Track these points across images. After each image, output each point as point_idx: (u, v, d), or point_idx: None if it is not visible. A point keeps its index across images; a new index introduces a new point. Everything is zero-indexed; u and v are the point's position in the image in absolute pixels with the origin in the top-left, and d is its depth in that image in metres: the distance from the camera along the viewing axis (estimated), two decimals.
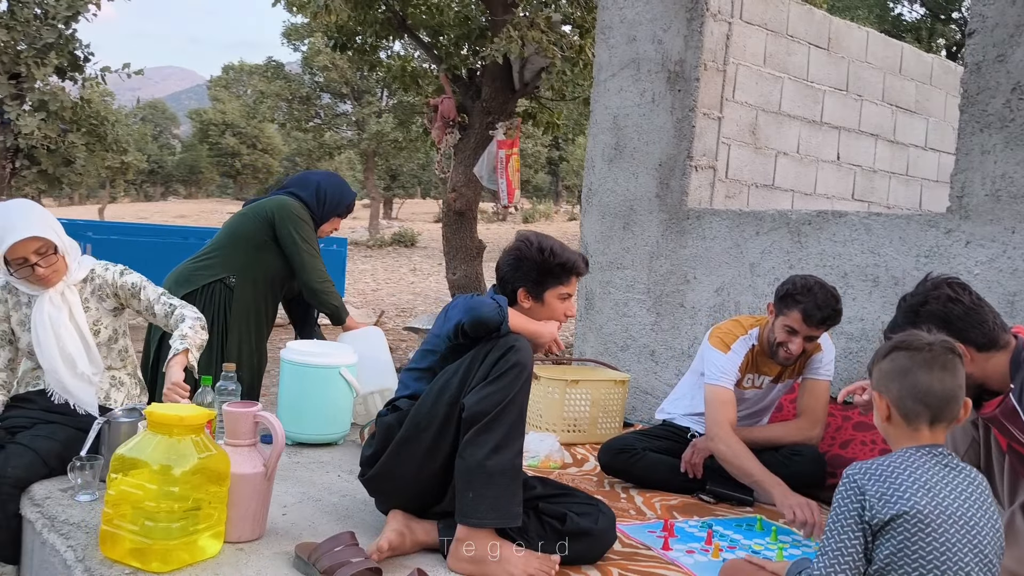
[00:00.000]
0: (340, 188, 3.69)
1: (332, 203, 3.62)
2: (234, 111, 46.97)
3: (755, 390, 3.10)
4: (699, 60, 3.93)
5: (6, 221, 2.61)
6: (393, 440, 2.31)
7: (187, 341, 2.75)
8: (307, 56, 23.18)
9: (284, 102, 23.34)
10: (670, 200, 4.03)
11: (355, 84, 23.85)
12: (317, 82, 23.95)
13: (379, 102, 24.15)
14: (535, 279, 2.49)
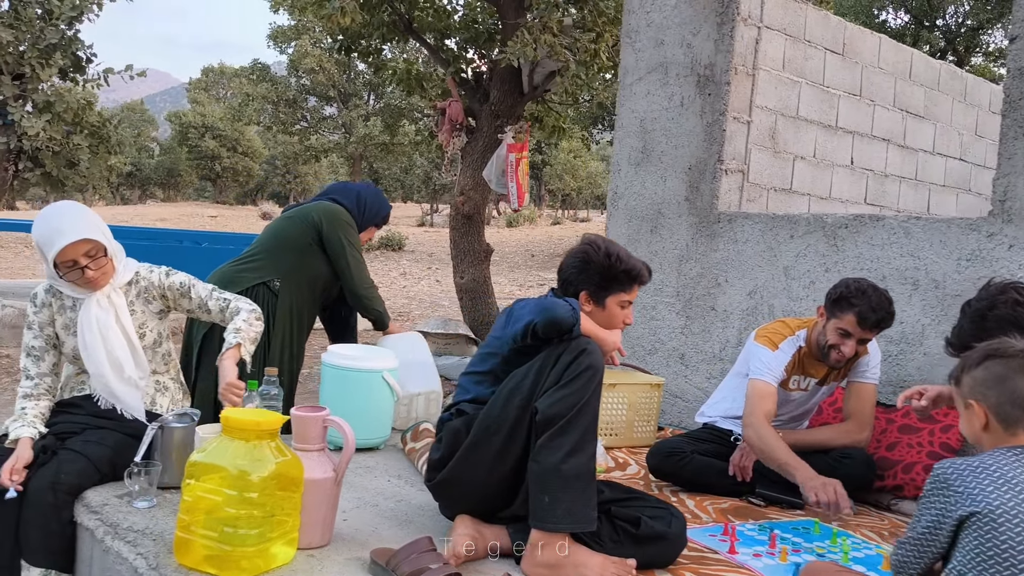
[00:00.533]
0: (379, 198, 3.74)
1: (372, 212, 3.66)
2: (214, 114, 46.65)
3: (801, 392, 3.11)
4: (730, 64, 3.95)
5: (56, 223, 2.57)
6: (461, 445, 2.29)
7: (240, 335, 2.72)
8: (293, 58, 23.06)
9: (270, 105, 23.20)
10: (700, 204, 4.03)
11: (342, 87, 23.75)
12: (303, 85, 23.82)
13: (366, 105, 24.06)
14: (599, 284, 2.49)
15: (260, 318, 2.86)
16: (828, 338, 2.89)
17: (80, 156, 6.46)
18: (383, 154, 24.28)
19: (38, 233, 2.58)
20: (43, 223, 2.59)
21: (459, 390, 2.55)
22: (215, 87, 54.85)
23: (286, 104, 23.27)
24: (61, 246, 2.53)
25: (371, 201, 3.68)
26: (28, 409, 2.62)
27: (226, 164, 47.19)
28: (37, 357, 2.70)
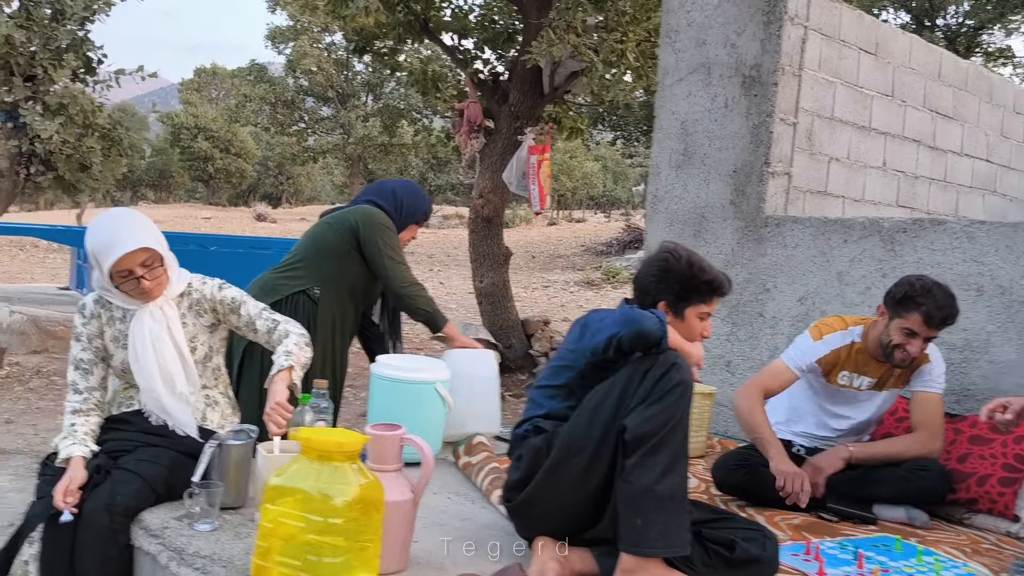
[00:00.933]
0: (416, 195, 3.61)
1: (409, 211, 3.53)
2: (206, 115, 46.43)
3: (851, 390, 3.03)
4: (777, 64, 3.86)
5: (113, 232, 2.46)
6: (543, 464, 2.19)
7: (292, 358, 2.60)
8: (291, 59, 22.90)
9: (268, 105, 23.04)
10: (746, 207, 3.94)
11: (340, 87, 23.61)
12: (301, 85, 23.66)
13: (364, 106, 23.92)
14: (678, 294, 2.40)
15: (310, 344, 2.74)
16: (892, 338, 2.83)
17: (93, 159, 6.33)
18: (382, 155, 24.18)
19: (95, 241, 2.47)
20: (100, 231, 2.48)
21: (530, 404, 2.45)
22: (207, 88, 54.66)
23: (284, 105, 23.11)
24: (119, 255, 2.42)
25: (407, 199, 3.55)
26: (78, 426, 2.50)
27: (219, 165, 46.98)
28: (86, 371, 2.59)
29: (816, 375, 3.04)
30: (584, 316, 2.47)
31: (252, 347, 3.19)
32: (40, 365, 6.90)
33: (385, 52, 7.56)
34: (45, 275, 15.46)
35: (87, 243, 2.49)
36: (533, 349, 7.18)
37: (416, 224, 3.58)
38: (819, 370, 3.01)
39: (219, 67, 53.84)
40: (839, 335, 2.99)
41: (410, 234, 3.57)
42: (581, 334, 2.37)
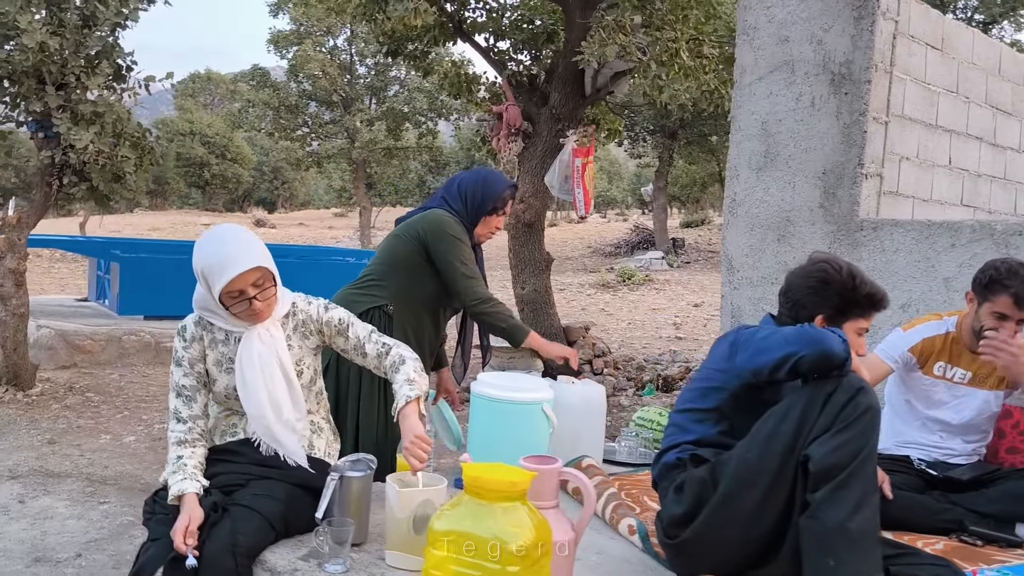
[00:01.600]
0: (482, 182, 3.24)
1: (475, 202, 3.20)
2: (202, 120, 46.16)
3: (947, 383, 2.94)
4: (870, 61, 3.70)
5: (226, 250, 2.29)
6: (710, 497, 2.02)
7: (416, 387, 2.42)
8: (294, 63, 22.70)
9: (271, 111, 22.82)
10: (838, 210, 3.79)
11: (343, 91, 23.41)
12: (304, 90, 23.45)
13: (368, 110, 23.73)
14: (838, 307, 2.25)
15: (423, 369, 2.56)
16: (984, 323, 2.78)
17: (127, 169, 6.13)
18: (387, 159, 23.99)
19: (205, 260, 2.29)
20: (211, 249, 2.30)
21: (673, 429, 2.29)
22: (201, 93, 54.34)
23: (287, 110, 22.89)
24: (233, 275, 2.25)
25: (472, 189, 3.21)
26: (187, 459, 2.33)
27: (215, 171, 46.67)
28: (189, 398, 2.41)
29: (911, 367, 2.98)
30: (730, 333, 2.30)
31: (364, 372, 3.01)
32: (72, 381, 6.71)
33: (417, 55, 7.38)
34: (53, 286, 15.23)
35: (197, 262, 2.31)
36: None
37: (490, 215, 3.22)
38: (913, 360, 2.97)
39: (214, 72, 53.59)
40: (932, 324, 3.00)
41: (488, 228, 3.25)
42: (731, 352, 2.21)
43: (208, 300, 2.37)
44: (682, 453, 2.19)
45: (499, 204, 3.22)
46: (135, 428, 5.60)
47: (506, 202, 3.25)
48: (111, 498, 4.24)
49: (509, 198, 3.26)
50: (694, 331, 10.29)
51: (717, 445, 2.18)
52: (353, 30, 22.93)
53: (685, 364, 7.82)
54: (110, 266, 8.54)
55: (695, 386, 2.29)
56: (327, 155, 23.95)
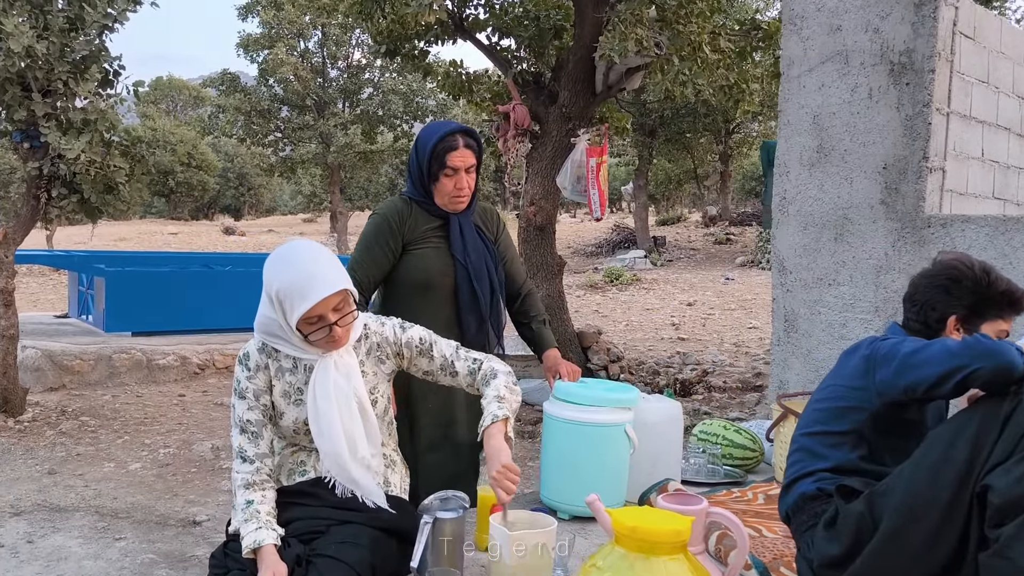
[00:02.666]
0: (413, 149, 2.75)
1: (415, 174, 2.73)
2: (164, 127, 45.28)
3: None
4: (933, 50, 3.53)
5: (307, 271, 2.02)
6: (871, 534, 1.80)
7: (505, 406, 2.18)
8: (265, 67, 22.22)
9: (242, 116, 22.31)
10: (901, 207, 3.60)
11: (316, 95, 22.97)
12: (276, 94, 22.97)
13: (342, 113, 23.31)
14: (972, 306, 2.06)
15: (517, 383, 2.33)
16: None
17: (119, 179, 5.79)
18: (362, 163, 23.59)
19: (283, 283, 2.02)
20: (290, 270, 2.04)
21: (802, 454, 2.07)
22: (163, 100, 53.31)
23: (258, 115, 22.40)
24: (317, 300, 1.99)
25: (410, 161, 2.77)
26: (258, 504, 2.06)
27: (180, 179, 45.79)
28: (255, 434, 2.15)
29: None
30: (860, 346, 2.09)
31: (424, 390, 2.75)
32: (63, 404, 6.34)
33: (416, 54, 7.11)
34: (25, 301, 14.67)
35: (271, 284, 2.04)
36: (591, 363, 6.79)
37: (441, 177, 2.64)
38: None
39: (176, 78, 52.58)
40: None
41: (444, 196, 2.68)
42: (868, 368, 1.99)
43: (275, 325, 2.10)
44: (822, 483, 1.97)
45: (436, 166, 2.64)
46: (139, 454, 5.27)
47: (443, 159, 2.62)
48: (127, 533, 3.93)
49: (446, 150, 2.62)
50: (694, 331, 10.13)
51: (858, 472, 1.97)
52: (326, 32, 22.53)
53: (697, 366, 7.64)
54: (93, 281, 8.15)
55: (823, 406, 2.08)
56: (300, 160, 23.49)
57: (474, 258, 2.72)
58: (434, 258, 2.72)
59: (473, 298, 2.73)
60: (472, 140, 2.67)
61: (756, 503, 2.95)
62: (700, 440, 3.41)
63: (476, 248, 2.74)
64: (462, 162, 2.62)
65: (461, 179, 2.64)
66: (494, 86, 7.23)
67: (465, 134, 2.66)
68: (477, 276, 2.72)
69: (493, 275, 2.77)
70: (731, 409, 6.28)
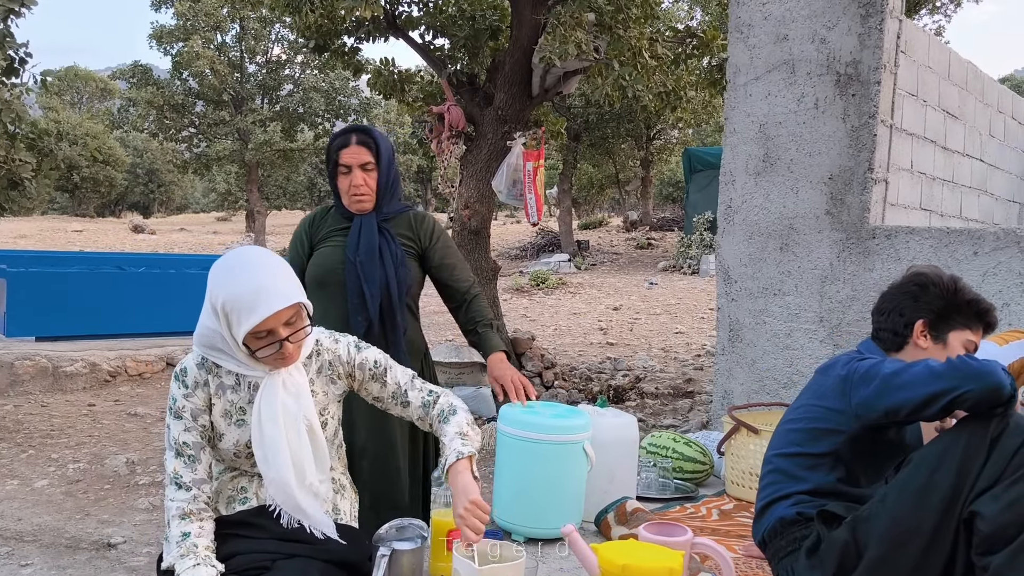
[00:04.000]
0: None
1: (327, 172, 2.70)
2: (69, 120, 43.34)
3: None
4: (879, 61, 3.54)
5: (258, 283, 1.84)
6: (856, 561, 1.74)
7: (469, 443, 2.05)
8: (179, 60, 21.39)
9: (154, 110, 21.43)
10: (846, 217, 3.61)
11: (234, 90, 22.26)
12: (190, 88, 22.15)
13: (261, 110, 22.65)
14: (940, 312, 2.04)
15: (473, 421, 2.19)
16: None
17: (24, 175, 5.41)
18: (282, 161, 22.97)
19: (231, 295, 1.83)
20: (238, 280, 1.85)
21: (777, 476, 2.00)
22: (69, 91, 50.99)
23: (172, 109, 21.55)
24: (268, 315, 1.82)
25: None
26: (195, 538, 1.87)
27: (85, 174, 43.87)
28: (191, 458, 1.95)
29: None
30: (835, 365, 2.03)
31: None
32: None
33: (346, 51, 6.89)
34: None
35: (219, 295, 1.85)
36: (525, 369, 6.69)
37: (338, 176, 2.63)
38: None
39: (81, 69, 50.31)
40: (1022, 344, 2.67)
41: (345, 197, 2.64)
42: (844, 388, 1.93)
43: (219, 338, 1.91)
44: (801, 506, 1.90)
45: (331, 165, 2.64)
46: (46, 470, 4.92)
47: (336, 157, 2.61)
48: (33, 559, 3.63)
49: (338, 148, 2.61)
50: (622, 336, 10.15)
51: (836, 494, 1.91)
52: (244, 26, 21.87)
53: (629, 371, 7.62)
54: None
55: (799, 427, 2.01)
56: (216, 157, 22.71)
57: (365, 258, 2.59)
58: (330, 255, 2.66)
59: (361, 299, 2.60)
60: (367, 138, 2.61)
61: (711, 519, 2.88)
62: (650, 453, 3.33)
63: (370, 248, 2.60)
64: (353, 159, 2.58)
65: (356, 177, 2.58)
66: (427, 86, 7.07)
67: (360, 132, 2.63)
68: (367, 277, 2.58)
69: (392, 279, 2.60)
70: (664, 416, 6.27)
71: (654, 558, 1.44)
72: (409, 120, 31.83)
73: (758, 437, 3.02)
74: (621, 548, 1.50)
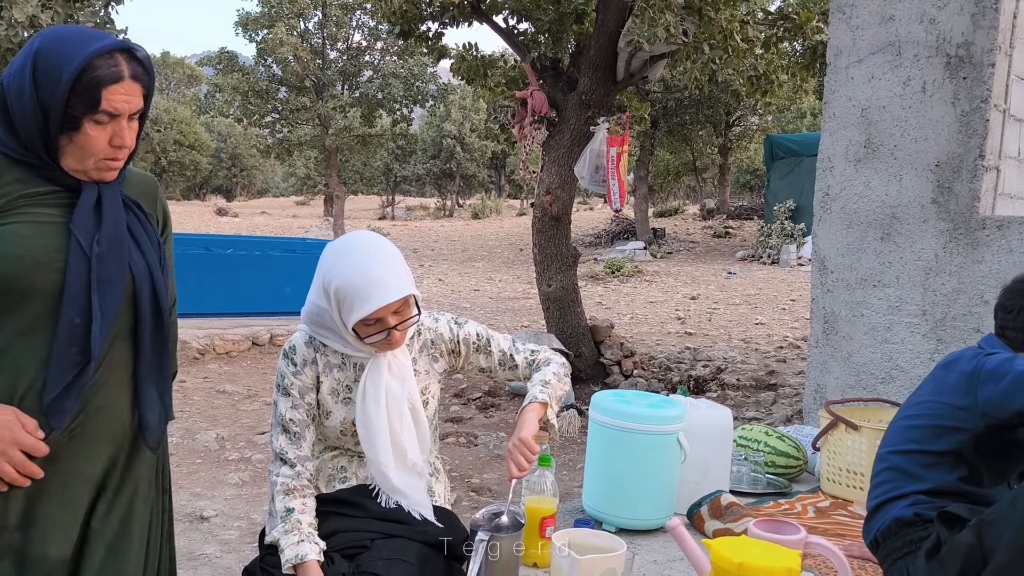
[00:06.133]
0: (31, 58, 1.52)
1: (21, 100, 1.51)
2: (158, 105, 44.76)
3: None
4: (994, 42, 3.36)
5: (373, 274, 1.86)
6: (981, 566, 1.65)
7: (549, 389, 2.07)
8: (263, 47, 21.87)
9: (239, 96, 21.98)
10: (954, 207, 3.44)
11: (316, 76, 22.66)
12: (274, 75, 22.63)
13: (341, 95, 22.99)
14: None
15: (569, 374, 2.20)
16: None
17: None
18: (360, 146, 23.31)
19: (345, 282, 1.85)
20: (353, 270, 1.86)
21: (894, 474, 1.91)
22: (159, 78, 52.65)
23: (256, 95, 22.06)
24: (379, 306, 1.83)
25: (12, 78, 1.52)
26: (299, 515, 1.89)
27: (172, 158, 45.35)
28: (297, 435, 1.98)
29: None
30: (960, 360, 1.93)
31: None
32: None
33: (430, 36, 6.91)
34: None
35: (332, 280, 1.87)
36: (604, 357, 6.63)
37: (85, 120, 1.49)
38: None
39: (170, 56, 51.97)
40: None
41: (89, 148, 1.52)
42: (970, 385, 1.83)
43: (328, 318, 1.93)
44: (919, 507, 1.81)
45: (80, 105, 1.48)
46: None
47: (96, 96, 1.46)
48: None
49: (102, 83, 1.46)
50: (701, 325, 9.98)
51: (957, 494, 1.82)
52: (326, 13, 22.21)
53: (709, 362, 7.49)
54: None
55: (919, 423, 1.91)
56: (298, 142, 23.17)
57: (107, 250, 1.54)
58: (31, 240, 1.50)
59: (86, 318, 1.52)
60: (142, 69, 1.53)
61: (807, 516, 2.79)
62: (740, 446, 3.25)
63: (117, 235, 1.57)
64: (126, 104, 1.50)
65: (123, 131, 1.51)
66: (510, 71, 7.04)
67: (131, 57, 1.51)
68: (106, 281, 1.53)
69: (158, 282, 1.63)
70: (747, 408, 6.14)
71: (771, 557, 1.39)
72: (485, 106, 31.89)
73: (857, 433, 2.91)
74: (734, 545, 1.45)
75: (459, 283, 15.10)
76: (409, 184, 45.56)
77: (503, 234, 25.77)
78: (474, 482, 4.58)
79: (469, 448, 5.29)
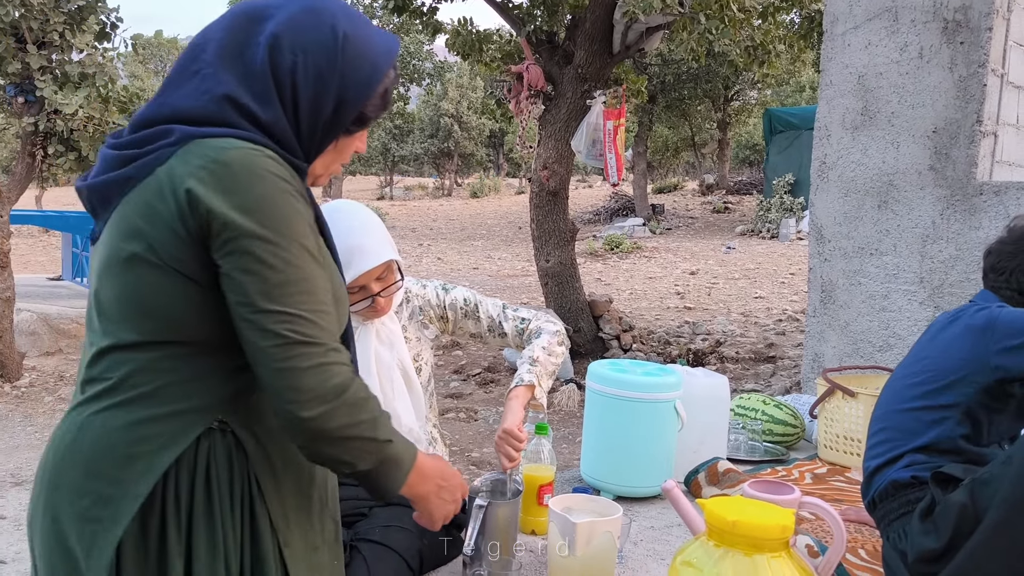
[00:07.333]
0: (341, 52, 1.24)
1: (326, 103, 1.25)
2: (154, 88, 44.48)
3: None
4: (991, 6, 3.33)
5: (353, 242, 1.85)
6: (973, 526, 1.65)
7: (537, 368, 2.07)
8: None
9: None
10: (952, 173, 3.43)
11: None
12: None
13: None
14: None
15: (564, 342, 2.19)
16: None
17: None
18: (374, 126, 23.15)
19: None
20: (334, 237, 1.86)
21: (892, 433, 1.91)
22: (152, 60, 52.38)
23: None
24: (361, 272, 1.83)
25: (317, 72, 1.19)
26: None
27: None
28: None
29: None
30: (956, 315, 1.92)
31: None
32: (60, 369, 6.15)
33: (424, 11, 6.86)
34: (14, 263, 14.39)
35: None
36: (603, 332, 6.64)
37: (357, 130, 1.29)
38: None
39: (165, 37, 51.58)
40: None
41: (333, 161, 1.32)
42: (977, 338, 1.82)
43: None
44: (915, 468, 1.81)
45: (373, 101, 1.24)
46: None
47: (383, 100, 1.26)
48: None
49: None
50: (700, 300, 9.99)
51: (954, 452, 1.82)
52: None
53: (708, 336, 7.50)
54: (88, 242, 7.92)
55: (923, 379, 1.89)
56: None
57: None
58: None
59: None
60: None
61: (804, 483, 2.81)
62: (738, 415, 3.26)
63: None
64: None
65: (364, 139, 1.32)
66: (505, 45, 7.00)
67: None
68: None
69: None
70: (746, 380, 6.16)
71: (765, 515, 1.39)
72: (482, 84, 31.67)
73: (854, 400, 2.92)
74: (728, 504, 1.45)
75: (458, 262, 15.10)
76: (407, 164, 45.44)
77: (501, 212, 25.73)
78: (474, 456, 4.60)
79: (469, 423, 5.31)
